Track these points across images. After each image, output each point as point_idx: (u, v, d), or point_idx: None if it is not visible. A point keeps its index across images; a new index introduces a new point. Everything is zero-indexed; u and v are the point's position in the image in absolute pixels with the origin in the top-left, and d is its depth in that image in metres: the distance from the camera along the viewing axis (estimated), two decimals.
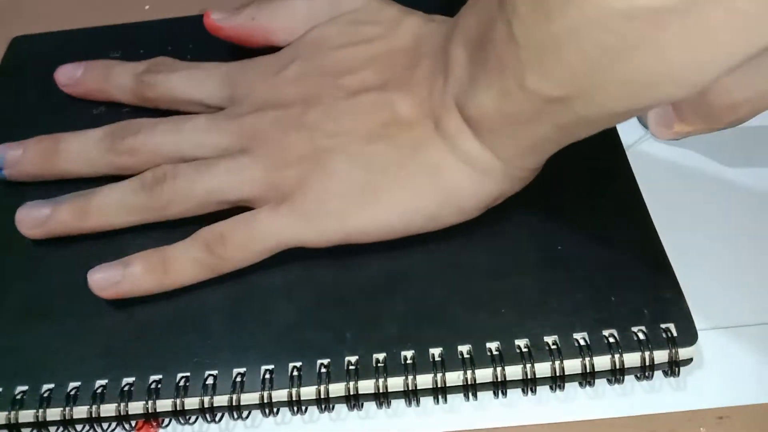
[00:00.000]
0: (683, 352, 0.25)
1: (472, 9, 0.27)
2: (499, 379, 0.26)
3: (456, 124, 0.27)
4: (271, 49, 0.34)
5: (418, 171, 0.28)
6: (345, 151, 0.28)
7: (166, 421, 0.27)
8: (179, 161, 0.30)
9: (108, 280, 0.28)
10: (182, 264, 0.28)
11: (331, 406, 0.26)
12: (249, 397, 0.26)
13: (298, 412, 0.26)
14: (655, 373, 0.26)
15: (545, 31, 0.22)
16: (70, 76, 0.36)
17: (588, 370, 0.25)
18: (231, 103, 0.32)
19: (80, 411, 0.26)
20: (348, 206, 0.28)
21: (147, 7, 0.43)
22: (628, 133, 0.33)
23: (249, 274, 0.29)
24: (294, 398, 0.26)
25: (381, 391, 0.26)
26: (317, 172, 0.28)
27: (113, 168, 0.31)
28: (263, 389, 0.26)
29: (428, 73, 0.29)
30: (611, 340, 0.26)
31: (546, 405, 0.26)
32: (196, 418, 0.27)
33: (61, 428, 0.27)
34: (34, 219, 0.30)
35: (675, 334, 0.26)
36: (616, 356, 0.25)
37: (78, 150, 0.32)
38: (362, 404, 0.26)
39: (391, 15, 0.32)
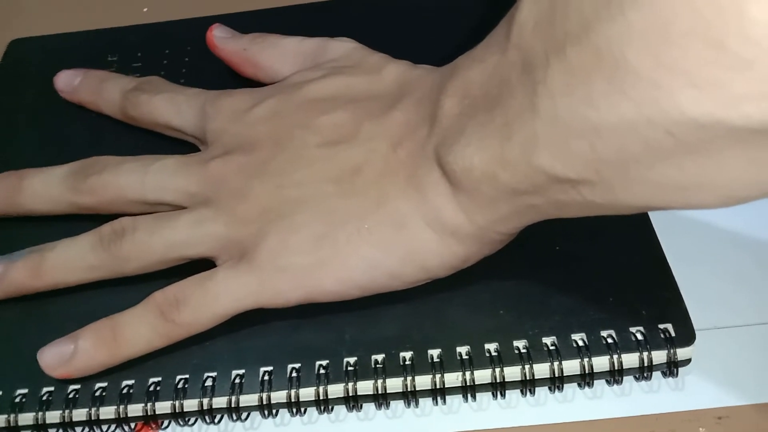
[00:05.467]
0: (681, 353, 0.25)
1: (479, 63, 0.24)
2: (497, 380, 0.26)
3: (434, 178, 0.25)
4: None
5: (381, 223, 0.26)
6: (308, 202, 0.27)
7: (166, 423, 0.27)
8: (141, 204, 0.30)
9: (59, 356, 0.27)
10: (135, 333, 0.27)
11: (330, 407, 0.26)
12: (248, 399, 0.26)
13: (297, 413, 0.26)
14: (654, 373, 0.26)
15: (580, 115, 0.19)
16: (68, 83, 0.36)
17: (587, 371, 0.25)
18: (204, 137, 0.31)
19: (80, 413, 0.26)
20: (305, 262, 0.26)
21: (145, 9, 0.43)
22: None
23: None
24: (293, 399, 0.26)
25: (380, 392, 0.26)
26: (277, 225, 0.27)
27: (75, 208, 0.30)
28: (262, 391, 0.26)
29: (409, 118, 0.27)
30: (609, 340, 0.26)
31: (545, 406, 0.26)
32: (195, 420, 0.27)
33: (60, 431, 0.27)
34: None
35: (673, 334, 0.26)
36: (615, 357, 0.25)
37: (41, 188, 0.31)
38: (361, 405, 0.26)
39: (375, 60, 0.31)
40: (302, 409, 0.26)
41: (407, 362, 0.26)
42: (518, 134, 0.22)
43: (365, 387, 0.26)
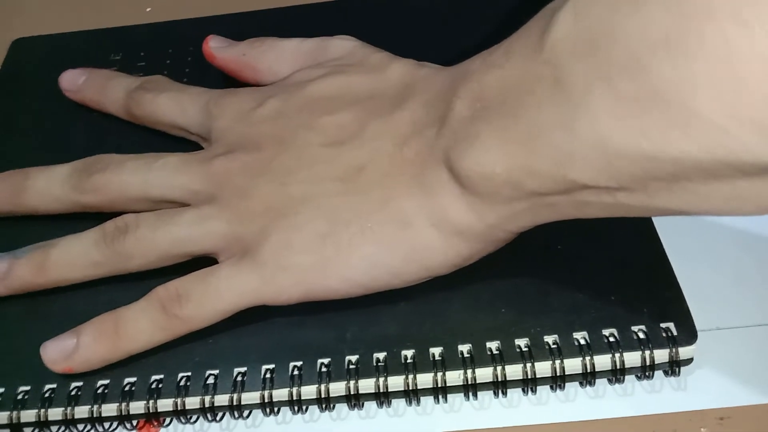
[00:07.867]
0: (683, 352, 0.25)
1: (497, 69, 0.24)
2: (499, 379, 0.26)
3: (442, 179, 0.25)
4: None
5: (385, 222, 0.26)
6: (312, 201, 0.27)
7: (168, 420, 0.27)
8: (145, 202, 0.30)
9: (62, 350, 0.27)
10: (136, 327, 0.27)
11: (331, 405, 0.26)
12: (250, 397, 0.26)
13: (298, 411, 0.26)
14: (656, 373, 0.26)
15: (630, 144, 0.19)
16: (73, 82, 0.36)
17: (588, 370, 0.25)
18: (208, 135, 0.31)
19: (82, 411, 0.26)
20: (308, 261, 0.26)
21: (148, 9, 0.43)
22: None
23: None
24: (295, 397, 0.26)
25: (381, 390, 0.26)
26: (281, 223, 0.27)
27: (79, 207, 0.30)
28: (264, 388, 0.26)
29: (415, 118, 0.27)
30: (611, 339, 0.26)
31: (546, 405, 0.26)
32: (197, 418, 0.27)
33: (62, 428, 0.27)
34: None
35: (675, 333, 0.26)
36: (617, 356, 0.25)
37: (44, 187, 0.31)
38: (363, 403, 0.26)
39: (379, 59, 0.31)
40: (304, 407, 0.26)
41: (409, 360, 0.26)
42: (549, 149, 0.22)
43: (367, 385, 0.26)
